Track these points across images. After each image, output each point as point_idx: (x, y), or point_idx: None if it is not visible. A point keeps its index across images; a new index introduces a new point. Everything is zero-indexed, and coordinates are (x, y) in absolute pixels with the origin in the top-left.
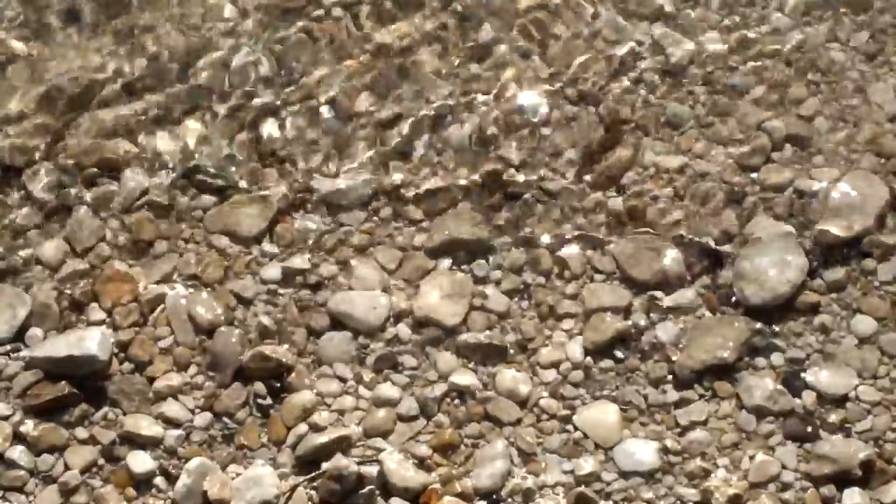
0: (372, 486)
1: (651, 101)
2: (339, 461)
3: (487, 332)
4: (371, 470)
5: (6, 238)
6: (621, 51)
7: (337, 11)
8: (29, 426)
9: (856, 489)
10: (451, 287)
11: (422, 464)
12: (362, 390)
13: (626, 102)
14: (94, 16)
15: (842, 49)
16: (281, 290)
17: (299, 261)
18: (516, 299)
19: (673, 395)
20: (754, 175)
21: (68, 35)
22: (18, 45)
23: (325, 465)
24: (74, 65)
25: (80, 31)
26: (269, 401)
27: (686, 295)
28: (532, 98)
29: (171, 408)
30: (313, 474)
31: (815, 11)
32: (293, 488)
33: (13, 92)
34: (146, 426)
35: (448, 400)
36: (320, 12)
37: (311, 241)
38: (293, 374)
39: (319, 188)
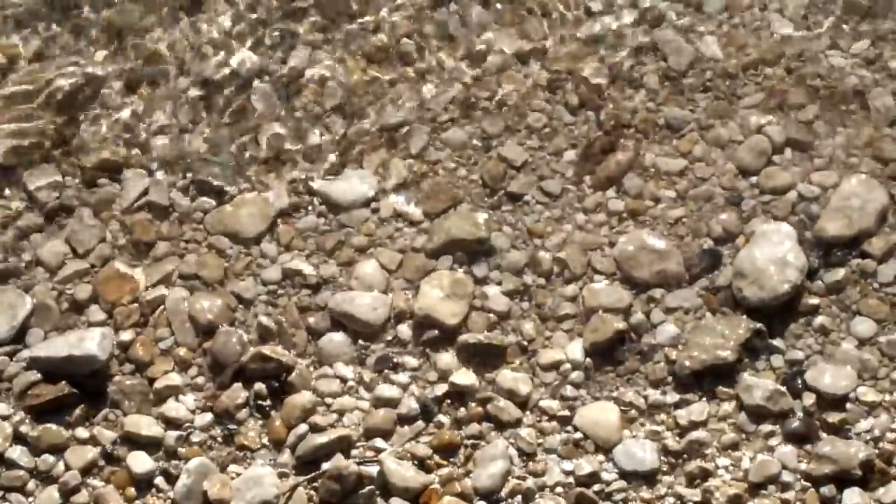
0: (372, 487)
1: (650, 106)
2: (339, 461)
3: (487, 332)
4: (371, 470)
5: (7, 239)
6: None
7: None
8: (29, 426)
9: (856, 489)
10: (452, 287)
11: (422, 464)
12: (362, 391)
13: (625, 108)
14: (95, 16)
15: (841, 55)
16: (281, 291)
17: (299, 262)
18: (516, 300)
19: (673, 395)
20: (754, 179)
21: (70, 34)
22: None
23: (325, 466)
24: (76, 65)
25: (81, 30)
26: (269, 401)
27: (686, 296)
28: None
29: (172, 408)
30: (313, 474)
31: (814, 17)
32: (293, 488)
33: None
34: (146, 426)
35: (448, 400)
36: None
37: (311, 242)
38: (293, 375)
39: (320, 189)
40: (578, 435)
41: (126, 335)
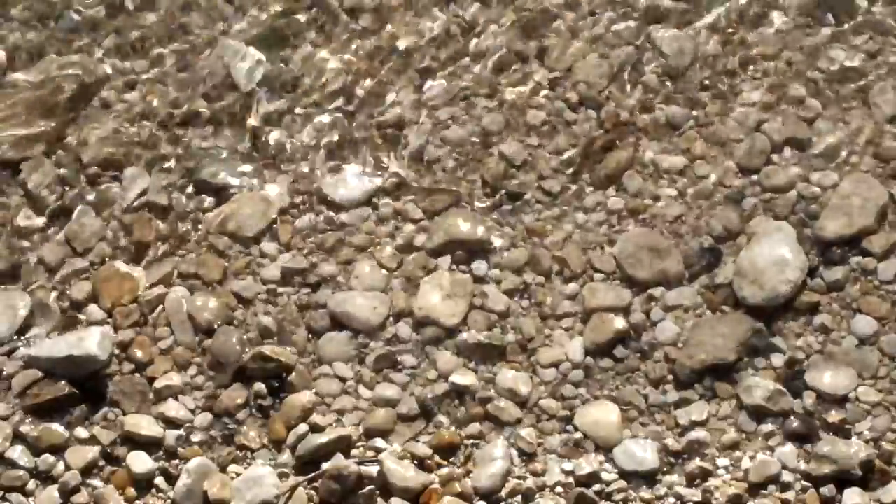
0: (372, 487)
1: (650, 103)
2: (339, 461)
3: (487, 332)
4: (371, 470)
5: (7, 238)
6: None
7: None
8: (29, 426)
9: (856, 489)
10: (451, 287)
11: (422, 464)
12: (362, 390)
13: (625, 106)
14: (96, 15)
15: (842, 49)
16: (281, 290)
17: (299, 260)
18: (516, 299)
19: (673, 395)
20: (754, 177)
21: (71, 32)
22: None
23: (325, 466)
24: (77, 63)
25: (82, 29)
26: (269, 401)
27: (686, 294)
28: None
29: (172, 408)
30: (313, 474)
31: (816, 12)
32: (293, 488)
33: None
34: (146, 426)
35: (448, 400)
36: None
37: (311, 241)
38: (293, 374)
39: (320, 187)
40: (578, 435)
41: (126, 335)
